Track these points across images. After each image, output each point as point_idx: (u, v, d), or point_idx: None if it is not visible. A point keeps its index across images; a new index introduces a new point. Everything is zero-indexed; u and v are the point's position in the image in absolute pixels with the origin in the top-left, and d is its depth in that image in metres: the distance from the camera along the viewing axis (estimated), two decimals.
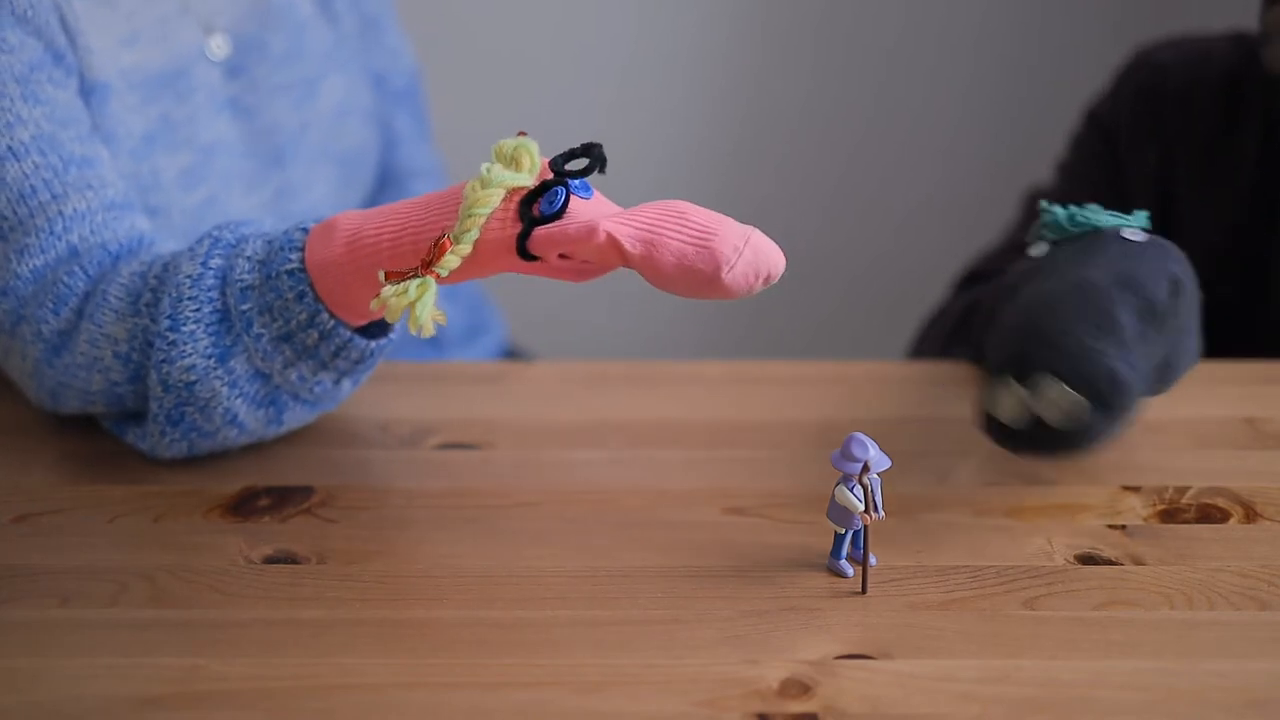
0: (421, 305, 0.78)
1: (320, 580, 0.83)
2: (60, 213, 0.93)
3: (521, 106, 1.99)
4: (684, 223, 0.77)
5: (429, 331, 0.79)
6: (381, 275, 0.81)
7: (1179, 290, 0.86)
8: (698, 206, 0.78)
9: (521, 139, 0.81)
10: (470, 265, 0.81)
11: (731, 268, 0.76)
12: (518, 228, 0.79)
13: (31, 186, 0.93)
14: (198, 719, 0.72)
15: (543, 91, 2.00)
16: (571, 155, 0.81)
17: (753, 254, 0.76)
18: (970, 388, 1.05)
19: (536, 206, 0.79)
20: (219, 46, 1.09)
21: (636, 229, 0.77)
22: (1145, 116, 1.26)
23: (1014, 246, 1.30)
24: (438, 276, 0.80)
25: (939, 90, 2.02)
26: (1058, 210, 0.91)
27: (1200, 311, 0.91)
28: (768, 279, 0.77)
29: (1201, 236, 1.23)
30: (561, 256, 0.80)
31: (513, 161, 0.80)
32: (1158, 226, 1.25)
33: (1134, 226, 0.89)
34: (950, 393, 1.04)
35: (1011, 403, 0.81)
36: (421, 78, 1.33)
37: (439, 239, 0.79)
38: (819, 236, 2.10)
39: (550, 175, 0.81)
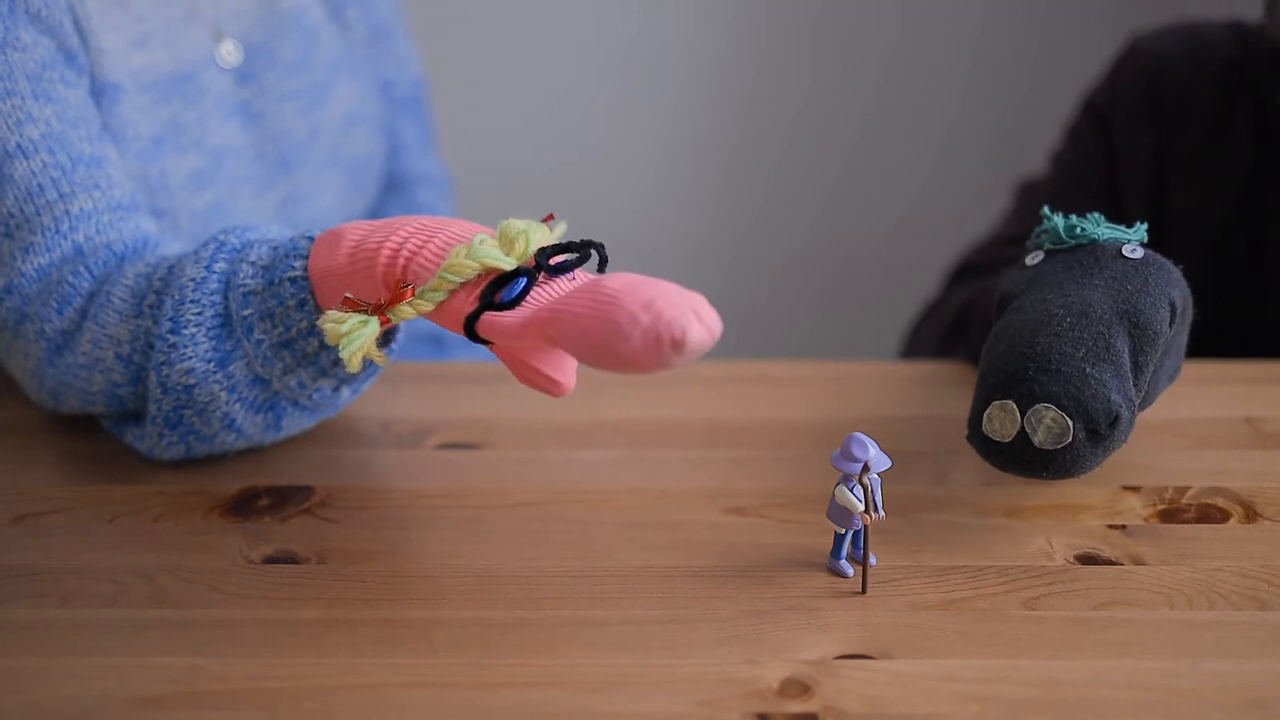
0: (349, 340, 0.79)
1: (320, 580, 0.83)
2: (67, 212, 0.93)
3: (525, 111, 1.99)
4: (594, 291, 0.72)
5: (353, 367, 0.79)
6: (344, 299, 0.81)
7: (1174, 316, 0.85)
8: (631, 276, 0.72)
9: (530, 224, 0.79)
10: (436, 320, 0.81)
11: (628, 338, 0.69)
12: (474, 307, 0.78)
13: (39, 185, 0.93)
14: (198, 719, 0.72)
15: (545, 93, 2.00)
16: (567, 249, 0.79)
17: (652, 319, 0.68)
18: (970, 388, 1.05)
19: (499, 293, 0.78)
20: (229, 53, 1.09)
21: (542, 306, 0.74)
22: (1144, 105, 1.24)
23: (1007, 238, 1.29)
24: (386, 320, 0.80)
25: (939, 90, 2.02)
26: (1057, 219, 0.89)
27: (1193, 321, 0.90)
28: (674, 344, 0.68)
29: (1197, 228, 1.22)
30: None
31: (510, 244, 0.79)
32: (1152, 218, 1.24)
33: (1133, 241, 0.88)
34: (950, 393, 1.04)
35: (1005, 422, 0.81)
36: (428, 86, 1.33)
37: (404, 286, 0.80)
38: (819, 236, 2.10)
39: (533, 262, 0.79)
